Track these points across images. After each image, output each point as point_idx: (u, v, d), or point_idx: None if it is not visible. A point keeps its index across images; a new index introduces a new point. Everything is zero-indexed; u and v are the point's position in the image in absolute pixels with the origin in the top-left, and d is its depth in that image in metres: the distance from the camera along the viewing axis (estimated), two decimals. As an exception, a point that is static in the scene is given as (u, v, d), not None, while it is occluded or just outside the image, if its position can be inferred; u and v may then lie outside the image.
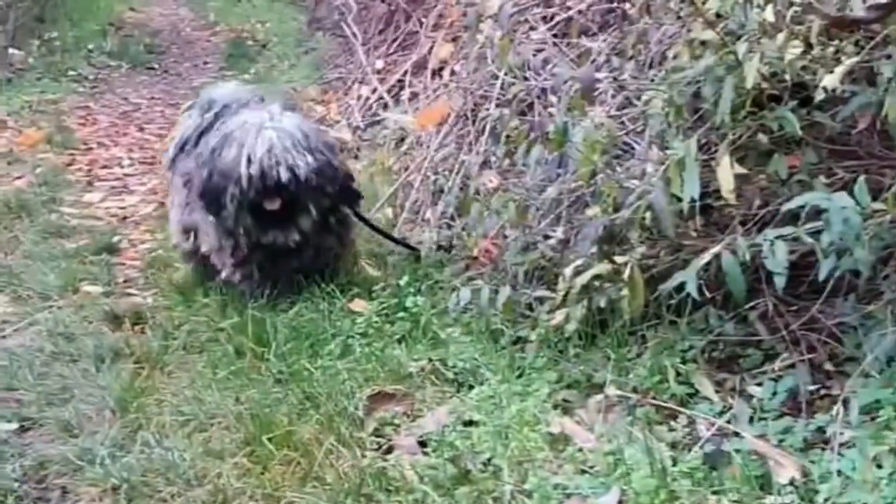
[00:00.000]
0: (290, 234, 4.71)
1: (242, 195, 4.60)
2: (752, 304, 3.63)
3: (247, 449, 3.58)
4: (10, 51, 12.69)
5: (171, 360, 4.43)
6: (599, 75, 4.20)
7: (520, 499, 3.11)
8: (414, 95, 7.20)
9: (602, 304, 3.81)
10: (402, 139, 6.79)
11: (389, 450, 3.54)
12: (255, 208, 4.64)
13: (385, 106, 7.69)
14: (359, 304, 4.60)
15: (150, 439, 3.74)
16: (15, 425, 4.03)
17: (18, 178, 7.76)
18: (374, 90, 7.97)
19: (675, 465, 3.16)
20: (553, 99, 4.35)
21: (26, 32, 13.58)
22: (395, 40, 8.37)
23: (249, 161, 4.56)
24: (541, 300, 4.17)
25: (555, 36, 5.22)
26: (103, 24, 16.08)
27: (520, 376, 3.90)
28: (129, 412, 3.98)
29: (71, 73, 12.70)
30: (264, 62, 12.90)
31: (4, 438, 3.93)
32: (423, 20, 7.87)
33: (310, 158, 4.62)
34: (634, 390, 3.63)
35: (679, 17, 3.88)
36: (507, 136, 4.26)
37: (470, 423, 3.60)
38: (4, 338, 4.91)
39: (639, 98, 4.14)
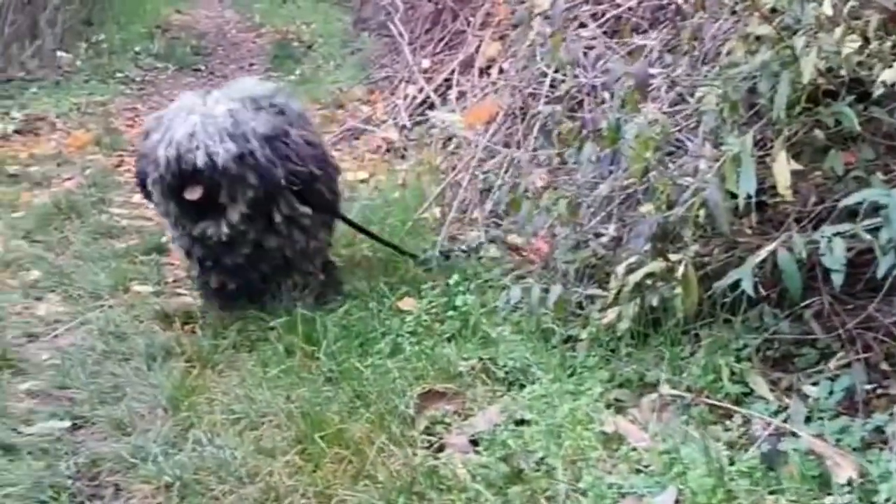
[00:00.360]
0: (219, 227, 4.51)
1: (161, 180, 4.45)
2: (807, 302, 3.59)
3: (298, 447, 3.57)
4: (59, 53, 12.80)
5: (222, 359, 4.43)
6: (653, 71, 4.17)
7: (574, 498, 3.09)
8: (461, 94, 7.18)
9: (654, 302, 3.77)
10: (450, 138, 6.78)
11: (441, 448, 3.53)
12: (179, 196, 4.47)
13: (432, 105, 7.68)
14: (408, 303, 4.58)
15: (201, 437, 3.74)
16: (68, 423, 4.05)
17: (68, 179, 7.80)
18: (421, 89, 7.96)
19: (731, 464, 3.14)
20: (605, 95, 4.32)
21: (74, 35, 13.70)
22: (441, 39, 8.35)
23: (169, 144, 4.40)
24: (592, 298, 4.15)
25: (605, 33, 5.19)
26: (150, 26, 16.19)
27: (571, 375, 3.88)
28: (180, 410, 3.99)
29: (118, 74, 12.77)
30: (310, 63, 12.92)
31: (58, 436, 3.95)
32: (471, 19, 7.86)
33: (231, 145, 4.40)
34: (688, 389, 3.60)
35: (734, 12, 3.85)
36: (559, 134, 4.23)
37: (522, 422, 3.59)
38: (56, 337, 4.94)
39: (692, 94, 4.11)
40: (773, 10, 3.51)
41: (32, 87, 11.50)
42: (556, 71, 5.28)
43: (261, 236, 4.61)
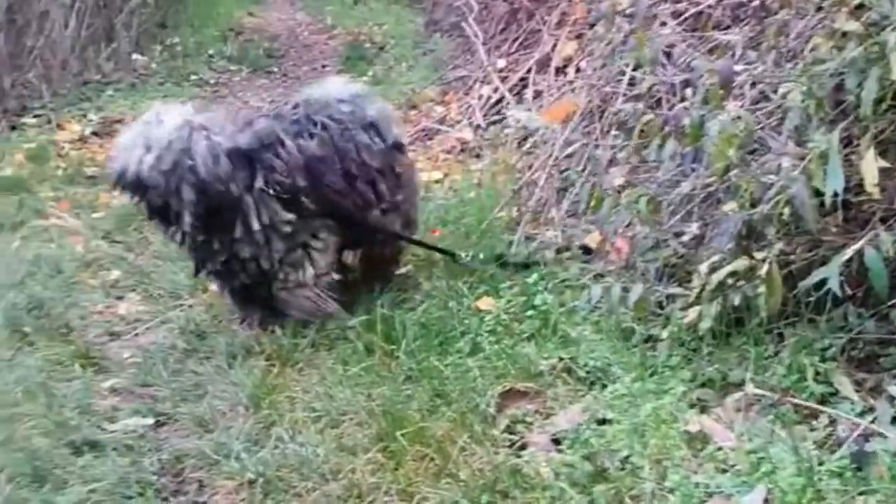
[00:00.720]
0: (175, 234, 4.63)
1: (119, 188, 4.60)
2: (893, 301, 3.53)
3: (379, 445, 3.59)
4: (134, 56, 12.94)
5: (301, 358, 4.44)
6: (737, 68, 4.13)
7: (661, 496, 3.07)
8: (538, 94, 7.15)
9: (737, 301, 3.73)
10: (525, 138, 6.75)
11: (522, 447, 3.52)
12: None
13: (506, 105, 7.66)
14: (486, 303, 4.56)
15: (283, 435, 3.77)
16: (151, 420, 4.11)
17: (146, 180, 7.87)
18: (496, 89, 7.94)
19: (820, 464, 3.10)
20: (686, 93, 4.28)
21: (149, 38, 13.85)
22: (516, 39, 8.32)
23: (116, 156, 4.54)
24: (672, 297, 4.12)
25: (684, 31, 5.15)
26: (223, 29, 16.31)
27: (652, 375, 3.84)
28: (261, 408, 4.02)
29: (192, 77, 12.88)
30: (382, 64, 12.91)
31: (141, 433, 4.01)
32: (546, 18, 7.82)
33: (161, 158, 4.43)
34: (771, 389, 3.56)
35: (820, 8, 3.81)
36: (641, 131, 4.20)
37: (604, 421, 3.56)
38: (138, 335, 5.01)
39: (774, 91, 4.07)
40: (861, 6, 3.46)
41: (109, 89, 11.65)
42: (634, 69, 5.25)
43: (233, 245, 4.63)
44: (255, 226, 4.57)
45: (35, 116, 10.05)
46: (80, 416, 4.09)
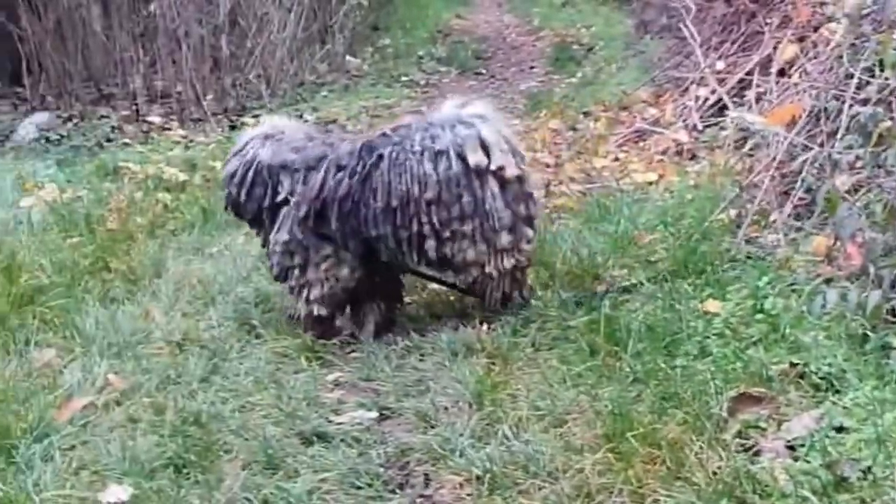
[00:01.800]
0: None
1: None
2: None
3: (608, 445, 3.56)
4: (347, 58, 13.22)
5: (522, 357, 4.46)
6: None
7: (909, 508, 2.97)
8: (760, 96, 7.00)
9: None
10: (744, 140, 6.62)
11: (756, 452, 3.44)
12: None
13: (724, 107, 7.52)
14: (713, 305, 4.49)
15: (507, 432, 3.78)
16: (375, 414, 4.18)
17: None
18: (713, 91, 7.81)
19: None
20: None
21: (362, 40, 14.15)
22: (735, 41, 8.16)
23: None
24: (906, 306, 3.98)
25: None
26: (432, 31, 16.54)
27: (887, 383, 3.71)
28: (484, 405, 4.04)
29: (403, 78, 13.08)
30: (591, 65, 12.84)
31: (366, 426, 4.08)
32: (768, 20, 7.65)
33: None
34: None
35: None
36: (880, 135, 4.07)
37: (841, 429, 3.46)
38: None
39: None
40: None
41: (323, 90, 11.94)
42: (863, 72, 5.10)
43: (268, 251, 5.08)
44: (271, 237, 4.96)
45: (254, 116, 10.32)
46: (308, 407, 4.21)
